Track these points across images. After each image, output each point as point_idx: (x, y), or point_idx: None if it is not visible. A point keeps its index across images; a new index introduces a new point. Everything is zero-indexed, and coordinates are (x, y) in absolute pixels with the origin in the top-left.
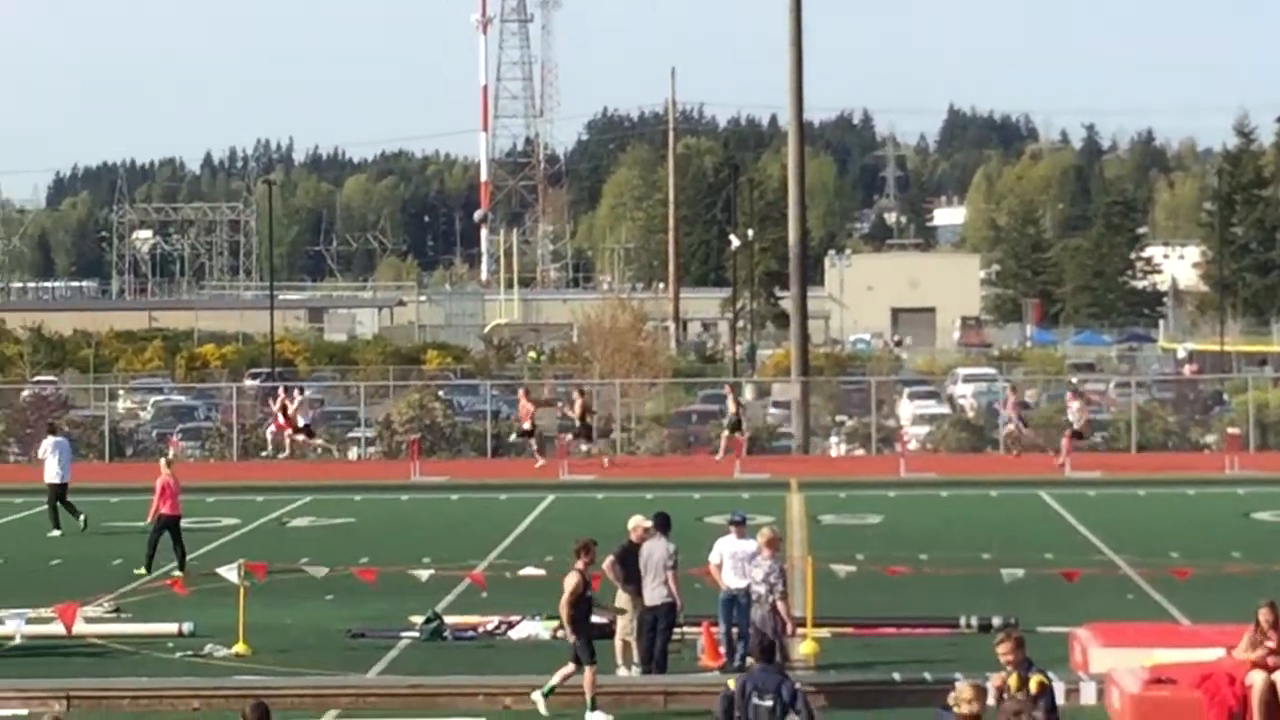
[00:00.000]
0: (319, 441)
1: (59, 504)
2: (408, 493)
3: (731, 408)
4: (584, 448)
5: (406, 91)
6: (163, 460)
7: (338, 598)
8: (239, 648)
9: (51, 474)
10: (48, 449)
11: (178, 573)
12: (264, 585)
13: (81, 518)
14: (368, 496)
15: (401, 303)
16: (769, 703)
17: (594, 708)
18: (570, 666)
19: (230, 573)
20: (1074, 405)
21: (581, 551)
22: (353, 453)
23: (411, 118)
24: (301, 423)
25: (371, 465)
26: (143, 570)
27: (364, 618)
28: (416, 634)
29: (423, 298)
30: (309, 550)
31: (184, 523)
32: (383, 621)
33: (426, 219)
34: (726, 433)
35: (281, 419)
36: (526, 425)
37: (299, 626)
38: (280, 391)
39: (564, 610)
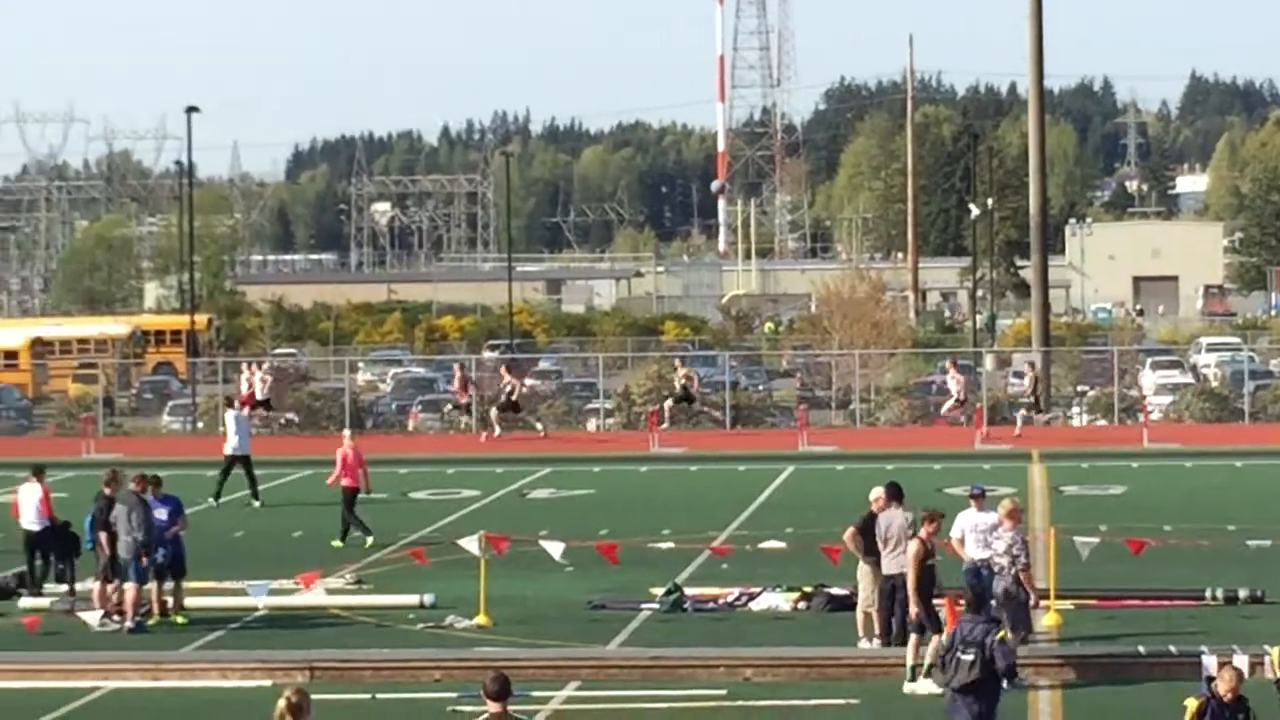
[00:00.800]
0: (292, 416)
1: (227, 474)
2: (647, 464)
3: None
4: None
5: (642, 62)
6: (346, 432)
7: (578, 569)
8: (480, 619)
9: (230, 446)
10: (228, 422)
11: (338, 543)
12: (505, 556)
13: (258, 500)
14: (607, 468)
15: (639, 274)
16: (970, 657)
17: (914, 678)
18: (914, 638)
19: (471, 545)
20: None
21: (927, 520)
22: (591, 424)
23: (648, 88)
24: (260, 398)
25: (611, 436)
26: (369, 542)
27: (604, 589)
28: (657, 605)
29: (660, 269)
30: (549, 522)
31: (424, 494)
32: (623, 593)
33: (663, 190)
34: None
35: (244, 393)
36: (462, 397)
37: (540, 598)
38: (245, 367)
39: (912, 576)
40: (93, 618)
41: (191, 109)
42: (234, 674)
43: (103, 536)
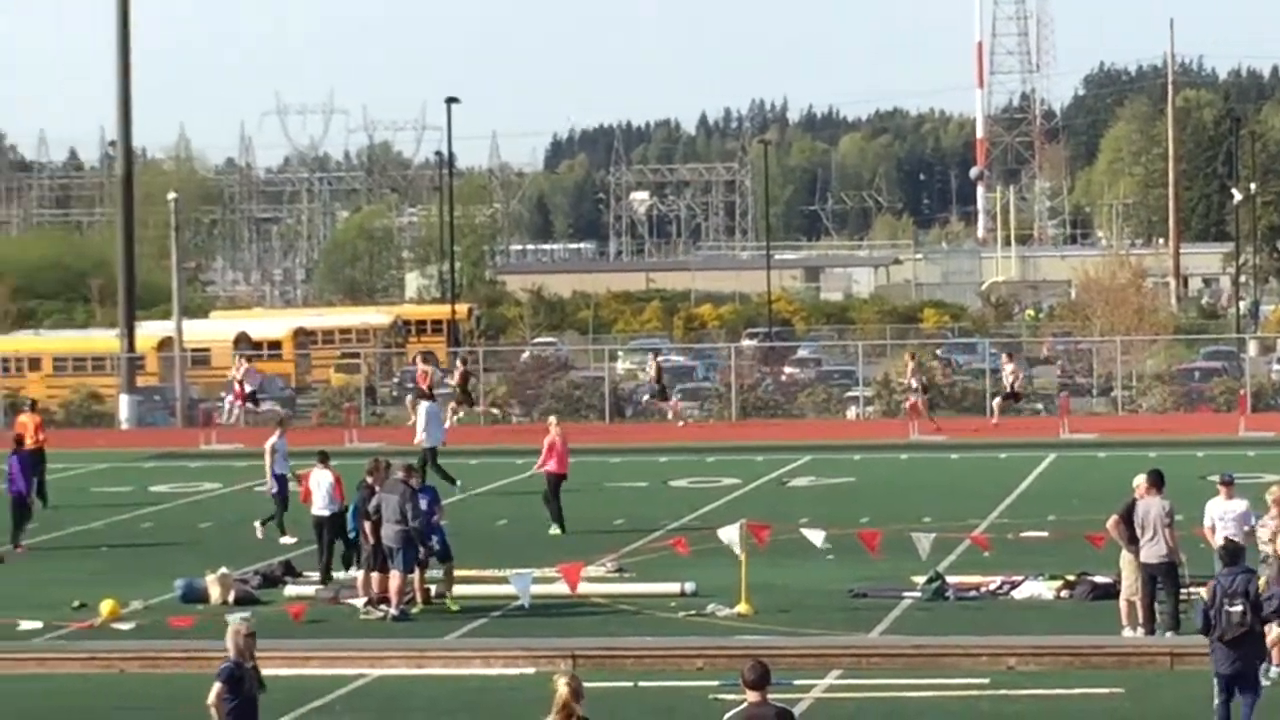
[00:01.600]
0: (280, 409)
1: (434, 465)
2: (907, 452)
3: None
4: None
5: (899, 49)
6: (551, 419)
7: (839, 557)
8: (741, 607)
9: (424, 438)
10: (420, 413)
11: (556, 531)
12: (765, 544)
13: (457, 483)
14: (867, 456)
15: (897, 261)
16: (1239, 607)
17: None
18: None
19: (731, 535)
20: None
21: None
22: (851, 412)
23: (905, 75)
24: (248, 389)
25: (871, 425)
26: (557, 531)
27: (865, 577)
28: (918, 594)
29: (919, 255)
30: (809, 510)
31: (684, 482)
32: (884, 581)
33: (921, 177)
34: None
35: (237, 388)
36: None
37: (800, 586)
38: (237, 361)
39: None
40: (357, 605)
41: (451, 100)
42: (497, 661)
43: (366, 526)
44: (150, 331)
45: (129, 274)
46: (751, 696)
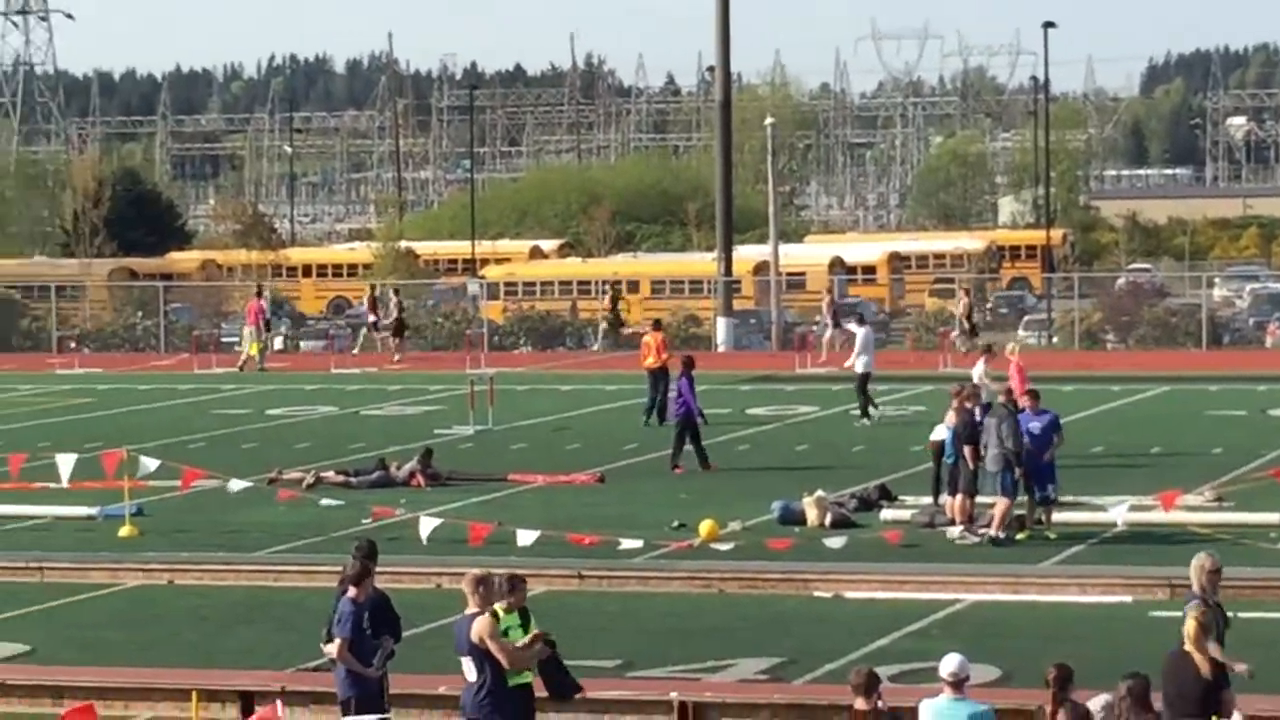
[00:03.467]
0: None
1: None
2: None
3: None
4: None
5: None
6: (1010, 345)
7: None
8: None
9: (858, 363)
10: (859, 338)
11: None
12: None
13: (875, 413)
14: None
15: None
16: None
17: None
18: None
19: None
20: None
21: None
22: None
23: None
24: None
25: None
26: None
27: None
28: None
29: None
30: None
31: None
32: None
33: None
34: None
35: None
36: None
37: None
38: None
39: None
40: (953, 531)
41: (1048, 24)
42: (1093, 589)
43: (967, 450)
44: (746, 255)
45: (726, 198)
46: None
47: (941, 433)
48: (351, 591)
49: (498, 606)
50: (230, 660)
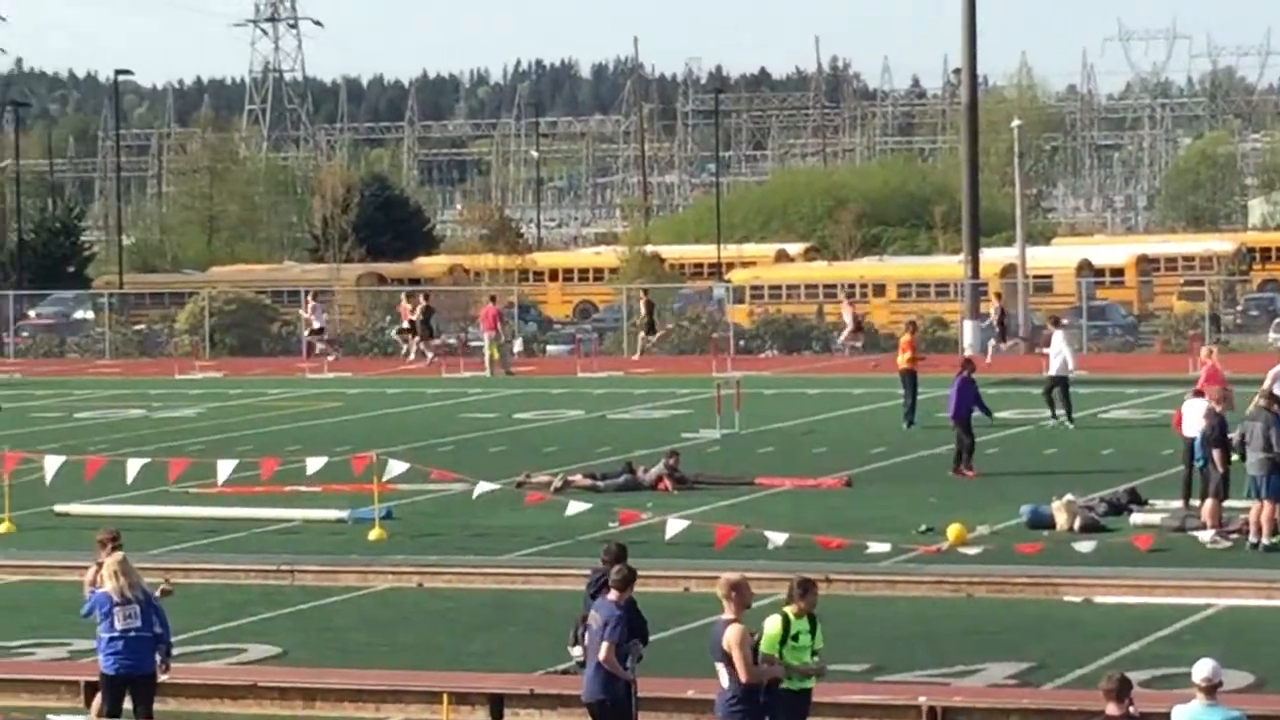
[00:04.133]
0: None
1: (1054, 395)
2: None
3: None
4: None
5: None
6: (1205, 348)
7: None
8: None
9: (1056, 366)
10: (1054, 342)
11: None
12: None
13: (1060, 415)
14: None
15: None
16: None
17: None
18: None
19: None
20: None
21: None
22: None
23: None
24: (316, 325)
25: None
26: None
27: None
28: None
29: None
30: None
31: None
32: None
33: None
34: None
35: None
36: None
37: None
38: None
39: None
40: (1204, 535)
41: None
42: None
43: (1216, 454)
44: (993, 258)
45: (973, 201)
46: None
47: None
48: (613, 595)
49: (788, 610)
50: (478, 663)
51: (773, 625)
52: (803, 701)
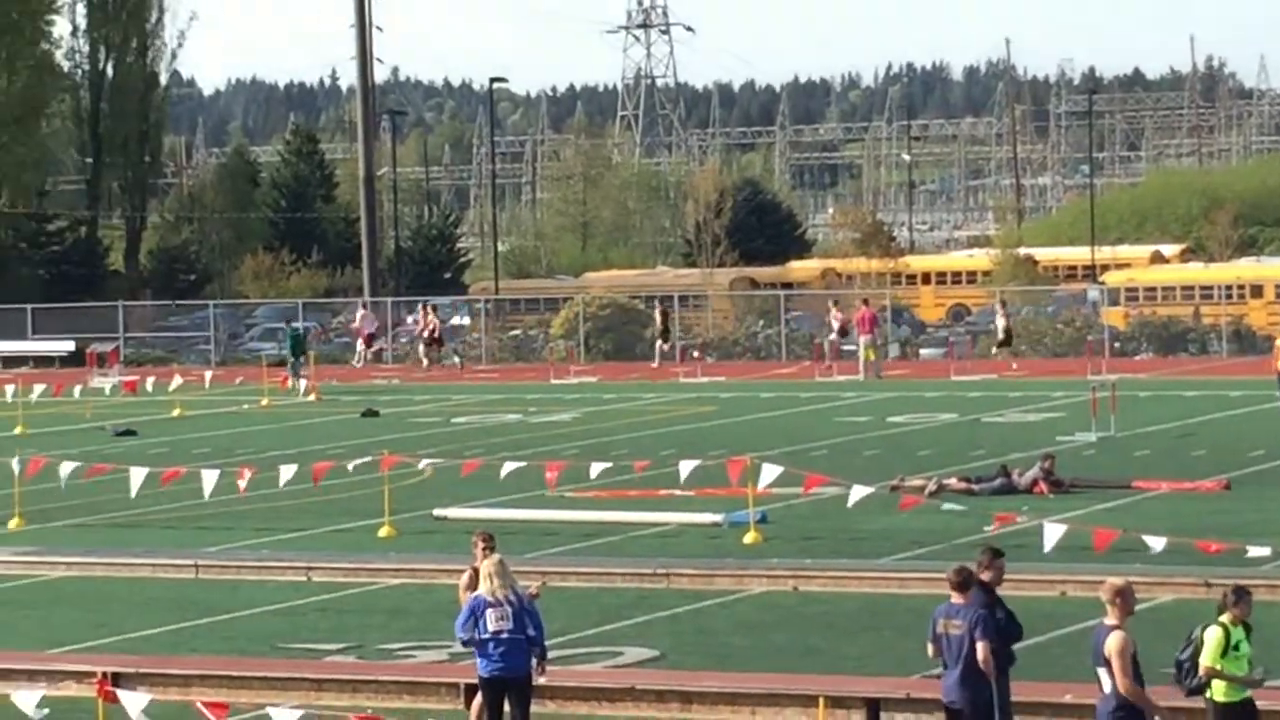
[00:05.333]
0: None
1: None
2: None
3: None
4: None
5: None
6: None
7: None
8: None
9: None
10: None
11: None
12: None
13: None
14: None
15: None
16: None
17: None
18: None
19: None
20: None
21: None
22: None
23: None
24: (368, 332)
25: None
26: None
27: None
28: None
29: None
30: None
31: None
32: None
33: None
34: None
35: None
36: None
37: None
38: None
39: None
40: None
41: None
42: None
43: None
44: None
45: None
46: None
47: None
48: (956, 598)
49: (1224, 619)
50: (854, 667)
51: (1214, 636)
52: (1247, 714)
